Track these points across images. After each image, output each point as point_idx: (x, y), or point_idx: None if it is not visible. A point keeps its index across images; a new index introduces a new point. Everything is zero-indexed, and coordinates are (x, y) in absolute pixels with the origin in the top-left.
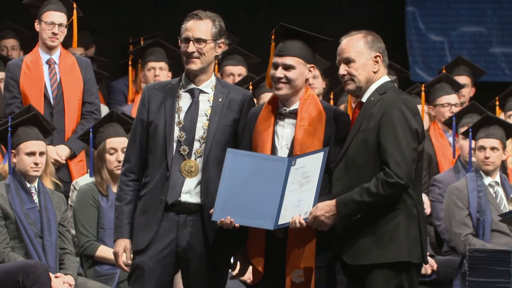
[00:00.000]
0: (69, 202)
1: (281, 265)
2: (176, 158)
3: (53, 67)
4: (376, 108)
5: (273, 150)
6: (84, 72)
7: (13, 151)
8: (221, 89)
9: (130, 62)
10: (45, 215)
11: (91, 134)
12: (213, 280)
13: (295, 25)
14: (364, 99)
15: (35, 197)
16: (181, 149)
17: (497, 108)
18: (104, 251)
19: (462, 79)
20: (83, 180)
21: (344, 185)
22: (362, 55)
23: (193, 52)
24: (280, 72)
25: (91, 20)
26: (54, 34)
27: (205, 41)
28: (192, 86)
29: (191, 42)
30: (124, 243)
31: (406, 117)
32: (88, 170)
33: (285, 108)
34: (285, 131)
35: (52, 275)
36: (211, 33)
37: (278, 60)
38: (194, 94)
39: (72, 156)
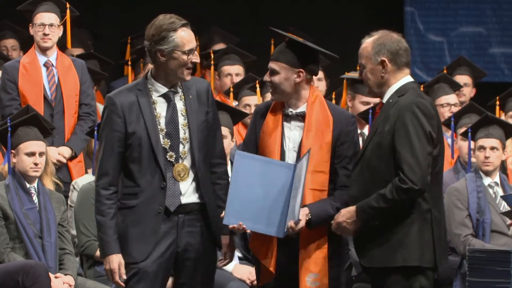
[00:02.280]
0: (69, 202)
1: (291, 266)
2: (166, 166)
3: (51, 69)
4: (393, 111)
5: (281, 153)
6: (80, 73)
7: (12, 151)
8: (187, 84)
9: (129, 62)
10: (45, 216)
11: (95, 132)
12: (207, 277)
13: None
14: (384, 100)
15: (35, 198)
16: (168, 156)
17: (497, 108)
18: None
19: (464, 79)
20: (83, 180)
21: (360, 187)
22: (370, 61)
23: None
24: (266, 76)
25: (91, 20)
26: (45, 35)
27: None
28: (165, 89)
29: (194, 52)
30: (118, 259)
31: (420, 121)
32: (88, 171)
33: (291, 110)
34: (292, 134)
35: (52, 275)
36: None
37: (269, 64)
38: (170, 98)
39: (73, 157)
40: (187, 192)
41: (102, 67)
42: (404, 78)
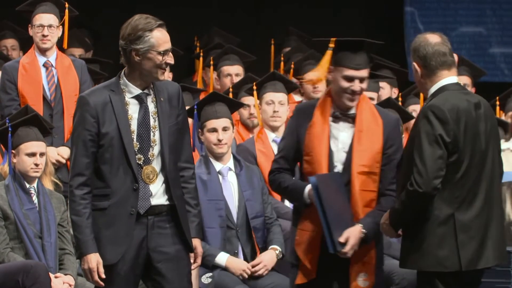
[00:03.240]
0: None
1: (332, 266)
2: (136, 168)
3: (51, 69)
4: (420, 115)
5: (329, 154)
6: (80, 73)
7: (13, 151)
8: (158, 86)
9: None
10: (45, 216)
11: None
12: (183, 278)
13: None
14: None
15: (35, 198)
16: (136, 158)
17: (498, 108)
18: None
19: (463, 79)
20: None
21: (399, 190)
22: (413, 64)
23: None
24: (358, 86)
25: (91, 20)
26: (44, 36)
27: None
28: (138, 91)
29: (169, 53)
30: (96, 258)
31: (432, 124)
32: None
33: (341, 111)
34: (341, 134)
35: (52, 275)
36: None
37: (355, 73)
38: (142, 100)
39: None
40: (157, 194)
41: (101, 67)
42: (442, 81)
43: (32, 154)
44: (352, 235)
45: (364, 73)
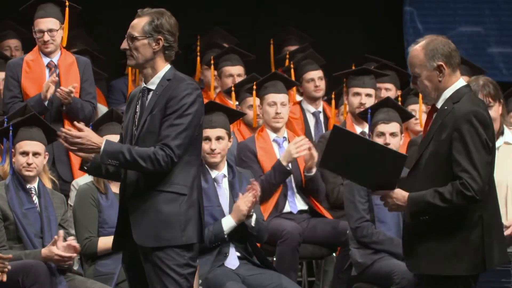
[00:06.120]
0: (69, 202)
1: None
2: None
3: (53, 70)
4: (448, 118)
5: None
6: (82, 71)
7: (13, 150)
8: (164, 82)
9: None
10: (45, 216)
11: None
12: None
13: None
14: (438, 106)
15: (35, 198)
16: None
17: None
18: (104, 242)
19: (463, 79)
20: (83, 179)
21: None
22: (425, 68)
23: (125, 48)
24: None
25: (91, 19)
26: (45, 41)
27: (135, 37)
28: (143, 85)
29: (126, 39)
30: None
31: (477, 130)
32: None
33: None
34: None
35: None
36: (143, 29)
37: None
38: (143, 94)
39: None
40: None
41: (102, 67)
42: (457, 83)
43: (25, 153)
44: None
45: None
